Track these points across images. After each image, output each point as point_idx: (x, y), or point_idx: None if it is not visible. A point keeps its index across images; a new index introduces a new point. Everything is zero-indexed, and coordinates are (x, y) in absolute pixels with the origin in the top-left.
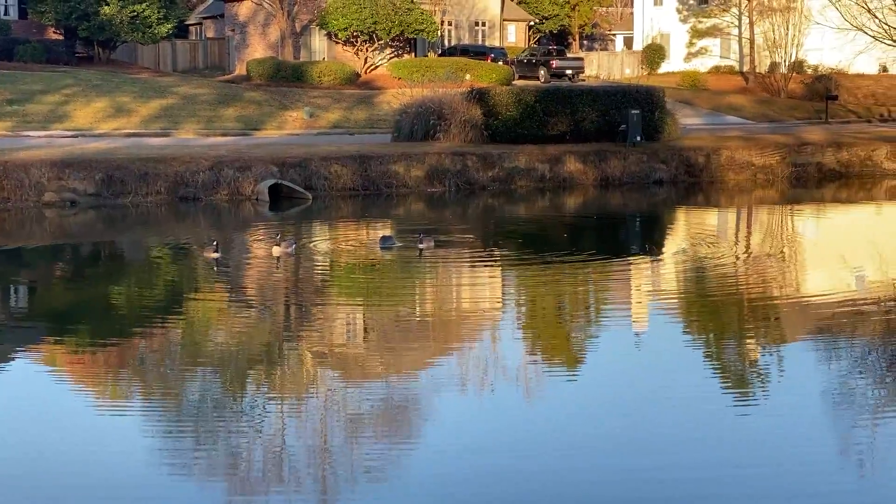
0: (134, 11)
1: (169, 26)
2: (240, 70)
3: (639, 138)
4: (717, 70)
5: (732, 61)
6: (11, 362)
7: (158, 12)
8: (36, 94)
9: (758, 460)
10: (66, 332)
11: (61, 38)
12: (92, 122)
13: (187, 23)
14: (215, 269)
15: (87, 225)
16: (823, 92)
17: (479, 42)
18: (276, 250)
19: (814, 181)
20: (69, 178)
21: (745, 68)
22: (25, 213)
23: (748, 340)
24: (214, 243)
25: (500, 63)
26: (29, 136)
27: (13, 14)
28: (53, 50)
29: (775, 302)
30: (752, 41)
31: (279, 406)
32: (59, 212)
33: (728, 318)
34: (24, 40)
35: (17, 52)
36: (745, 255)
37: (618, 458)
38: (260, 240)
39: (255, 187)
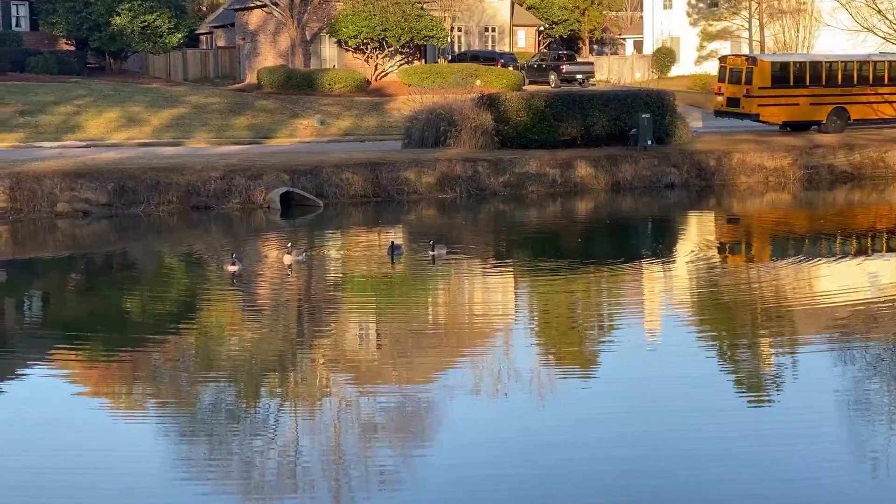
0: (145, 21)
1: (179, 36)
2: (251, 79)
3: (650, 142)
4: None
5: None
6: (27, 372)
7: (169, 22)
8: (48, 105)
9: (772, 463)
10: (80, 343)
11: (73, 49)
12: (104, 132)
13: (198, 32)
14: (234, 282)
15: (99, 235)
16: None
17: (489, 48)
18: (288, 259)
19: (826, 183)
20: (81, 188)
21: None
22: (38, 223)
23: (762, 345)
24: (234, 256)
25: (511, 69)
26: (41, 147)
27: (25, 26)
28: (65, 61)
29: (789, 306)
30: (762, 44)
31: (293, 414)
32: (72, 222)
33: (741, 322)
34: (35, 52)
35: (29, 64)
36: (758, 258)
37: (634, 465)
38: (272, 248)
39: (267, 195)
